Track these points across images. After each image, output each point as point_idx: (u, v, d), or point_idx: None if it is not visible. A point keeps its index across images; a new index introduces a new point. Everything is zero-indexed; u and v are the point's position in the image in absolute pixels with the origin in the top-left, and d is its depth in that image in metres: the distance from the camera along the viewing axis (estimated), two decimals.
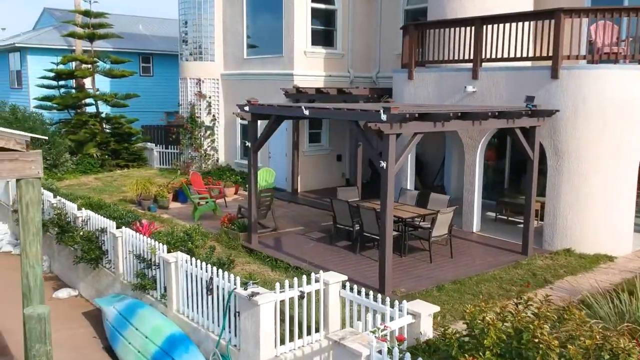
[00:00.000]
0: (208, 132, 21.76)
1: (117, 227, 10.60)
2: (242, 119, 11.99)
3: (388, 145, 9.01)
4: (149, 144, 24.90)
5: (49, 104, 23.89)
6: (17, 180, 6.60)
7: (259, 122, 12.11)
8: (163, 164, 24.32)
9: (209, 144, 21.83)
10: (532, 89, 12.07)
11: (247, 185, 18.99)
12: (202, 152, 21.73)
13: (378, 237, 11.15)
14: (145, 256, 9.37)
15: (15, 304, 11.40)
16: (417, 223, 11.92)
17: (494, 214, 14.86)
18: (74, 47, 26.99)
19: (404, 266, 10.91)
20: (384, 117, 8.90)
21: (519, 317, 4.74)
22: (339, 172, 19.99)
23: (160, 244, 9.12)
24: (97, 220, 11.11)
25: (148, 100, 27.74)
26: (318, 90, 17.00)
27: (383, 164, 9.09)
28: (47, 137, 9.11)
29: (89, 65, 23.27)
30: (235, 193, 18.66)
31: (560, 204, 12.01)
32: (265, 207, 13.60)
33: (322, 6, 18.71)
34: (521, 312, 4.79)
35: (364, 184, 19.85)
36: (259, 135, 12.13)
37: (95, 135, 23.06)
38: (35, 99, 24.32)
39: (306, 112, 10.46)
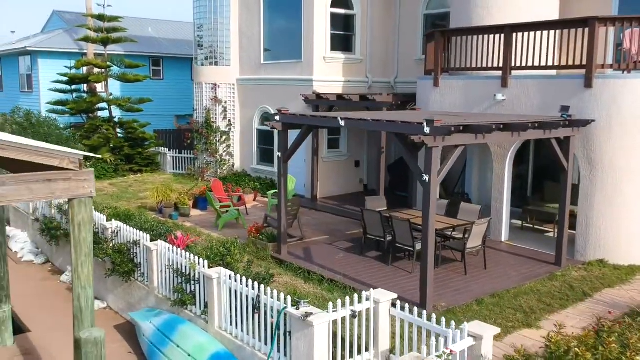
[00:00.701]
0: (224, 137, 21.63)
1: (151, 240, 10.46)
2: (272, 128, 11.84)
3: (431, 159, 8.90)
4: (162, 149, 24.76)
5: (61, 108, 23.75)
6: (70, 200, 6.47)
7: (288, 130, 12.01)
8: (177, 169, 24.18)
9: (225, 149, 21.70)
10: (565, 98, 11.96)
11: (266, 192, 18.99)
12: (218, 157, 21.61)
13: (411, 249, 11.08)
14: (184, 271, 9.23)
15: (43, 312, 11.29)
16: (450, 234, 11.80)
17: (519, 222, 14.74)
18: (85, 51, 26.84)
19: (440, 278, 10.79)
20: (427, 129, 8.79)
21: (610, 348, 4.62)
22: (356, 178, 19.86)
23: (201, 259, 8.99)
24: (129, 232, 10.97)
25: (158, 103, 27.58)
26: (339, 96, 16.88)
27: (425, 177, 8.97)
28: (101, 156, 8.94)
29: (102, 70, 23.10)
30: (254, 199, 18.53)
31: (593, 214, 11.90)
32: (291, 216, 13.46)
33: (341, 11, 18.58)
34: (611, 344, 4.66)
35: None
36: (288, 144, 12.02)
37: (109, 140, 22.93)
38: (48, 103, 24.17)
39: (342, 123, 10.34)
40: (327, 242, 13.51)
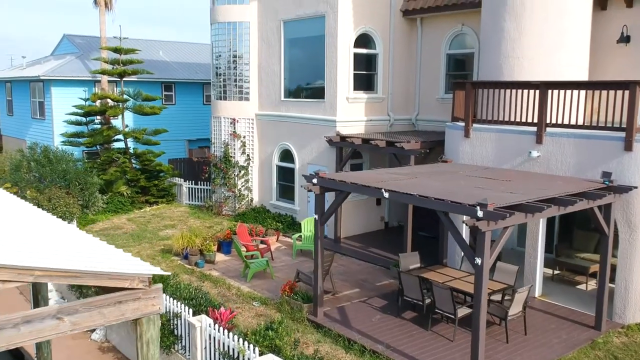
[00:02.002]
0: (242, 172, 21.50)
1: (193, 314, 10.33)
2: (308, 190, 11.73)
3: (484, 243, 8.80)
4: (177, 179, 24.62)
5: (78, 140, 23.61)
6: (137, 318, 6.36)
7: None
8: (193, 200, 24.05)
9: (243, 184, 21.58)
10: (603, 159, 11.89)
11: (287, 230, 18.87)
12: (237, 192, 21.48)
13: (452, 316, 10.98)
14: (232, 354, 9.12)
15: None
16: (488, 297, 11.70)
17: (549, 270, 14.66)
18: (98, 78, 26.71)
19: None
20: (480, 213, 8.69)
21: None
22: (377, 215, 19.76)
23: (250, 344, 8.87)
24: (169, 303, 10.84)
25: (170, 128, 27.35)
26: (365, 140, 16.76)
27: (478, 260, 8.87)
28: (169, 273, 8.80)
29: (119, 103, 22.95)
30: (277, 239, 18.42)
31: (633, 277, 11.81)
32: (325, 271, 13.35)
33: (363, 51, 18.49)
34: None
35: (398, 227, 19.72)
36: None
37: (126, 173, 22.78)
38: (62, 134, 24.00)
39: (386, 195, 10.24)
40: (360, 299, 13.40)
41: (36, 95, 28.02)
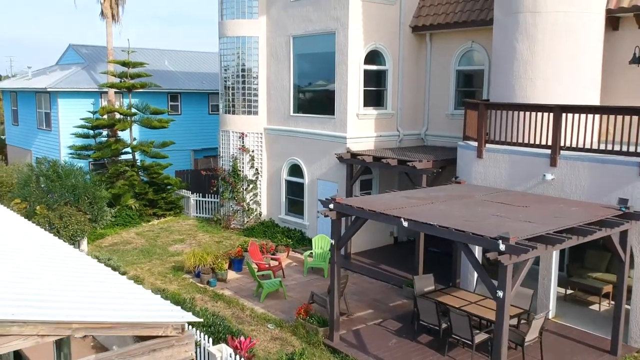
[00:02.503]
0: (251, 185, 21.53)
1: (213, 342, 10.35)
2: (325, 216, 11.76)
3: (506, 276, 8.84)
4: (184, 191, 24.63)
5: (85, 153, 23.63)
6: None
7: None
8: (200, 212, 24.06)
9: (252, 198, 21.60)
10: (618, 184, 11.92)
11: (297, 246, 18.88)
12: (245, 205, 21.50)
13: (470, 342, 11.02)
14: None
15: None
16: None
17: (562, 290, 14.70)
18: (104, 90, 26.71)
19: None
20: (502, 247, 8.73)
21: None
22: (387, 231, 19.79)
23: None
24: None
25: (176, 138, 27.23)
26: (376, 158, 16.78)
27: (500, 293, 8.91)
28: (201, 319, 8.81)
29: (127, 117, 22.96)
30: (287, 255, 18.44)
31: None
32: (340, 292, 13.37)
33: (373, 67, 18.53)
34: None
35: (407, 242, 19.75)
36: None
37: (134, 186, 22.79)
38: (70, 147, 24.00)
39: (405, 224, 10.27)
40: (375, 321, 13.43)
41: (42, 106, 28.01)
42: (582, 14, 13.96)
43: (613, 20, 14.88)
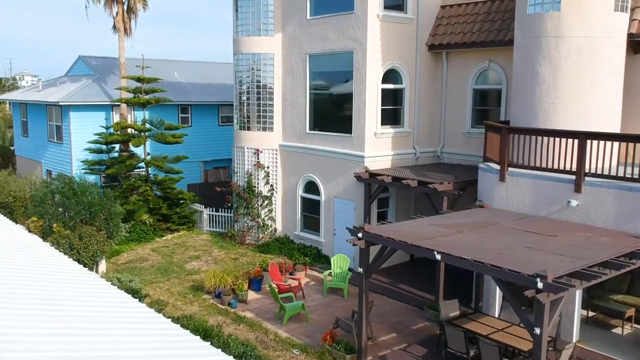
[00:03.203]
0: (265, 201, 21.56)
1: None
2: (353, 244, 11.81)
3: (543, 313, 8.89)
4: (197, 206, 24.66)
5: (99, 167, 23.66)
6: None
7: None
8: (213, 227, 24.09)
9: (267, 214, 21.63)
10: None
11: (314, 263, 18.79)
12: (260, 221, 21.53)
13: None
14: None
15: None
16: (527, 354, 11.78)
17: (583, 312, 14.75)
18: (116, 103, 26.73)
19: None
20: (540, 285, 8.78)
21: None
22: None
23: None
24: None
25: (186, 151, 27.21)
26: (395, 178, 16.82)
27: (537, 330, 8.96)
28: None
29: (141, 132, 22.99)
30: (305, 274, 18.47)
31: None
32: (367, 320, 13.41)
33: (391, 86, 18.59)
34: None
35: (423, 259, 19.76)
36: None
37: (148, 202, 22.81)
38: (84, 162, 24.01)
39: (438, 257, 10.31)
40: (399, 346, 13.47)
41: (53, 118, 28.01)
42: (605, 39, 14.02)
43: (634, 44, 14.96)
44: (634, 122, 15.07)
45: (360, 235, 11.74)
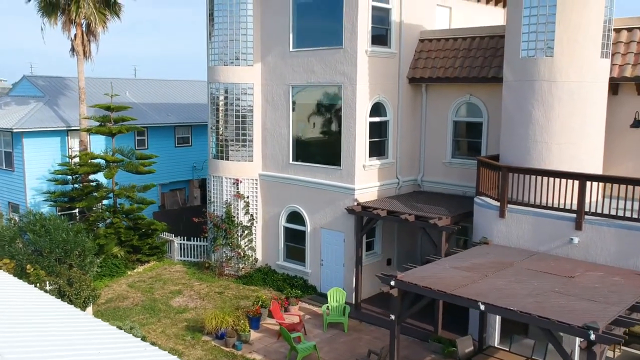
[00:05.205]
0: (246, 231, 21.37)
1: None
2: (386, 293, 12.05)
3: None
4: (167, 235, 24.04)
5: (63, 199, 22.57)
6: None
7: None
8: (185, 256, 23.58)
9: (247, 244, 21.45)
10: None
11: (304, 295, 18.77)
12: (240, 252, 21.32)
13: None
14: None
15: None
16: None
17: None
18: (72, 127, 25.56)
19: None
20: (593, 337, 9.40)
21: None
22: None
23: None
24: None
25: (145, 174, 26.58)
26: (390, 212, 17.22)
27: None
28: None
29: (112, 162, 22.14)
30: (299, 308, 18.49)
31: None
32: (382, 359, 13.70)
33: (377, 119, 19.00)
34: None
35: None
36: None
37: (119, 234, 22.00)
38: (46, 193, 22.79)
39: (482, 308, 10.76)
40: None
41: (1, 144, 26.34)
42: (594, 83, 15.06)
43: (613, 86, 16.11)
44: (613, 157, 16.21)
45: (392, 283, 12.01)
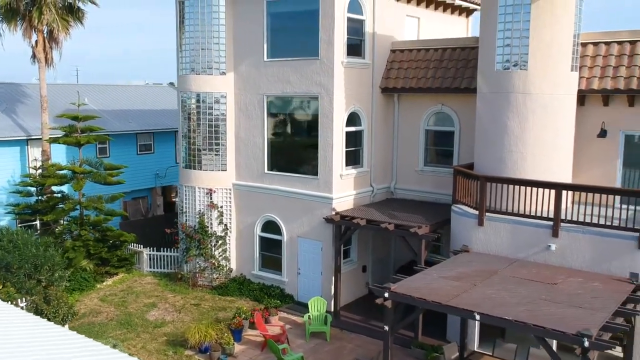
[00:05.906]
0: (219, 241, 21.24)
1: None
2: (380, 304, 12.28)
3: None
4: (136, 246, 23.60)
5: (28, 212, 21.84)
6: None
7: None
8: (154, 267, 23.21)
9: (221, 254, 21.31)
10: (617, 255, 13.72)
11: (282, 304, 18.72)
12: (215, 262, 21.16)
13: None
14: None
15: None
16: None
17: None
18: (33, 136, 24.77)
19: None
20: (587, 344, 9.89)
21: None
22: (362, 282, 20.56)
23: None
24: None
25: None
26: (370, 221, 17.48)
27: None
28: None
29: (81, 174, 21.56)
30: (279, 319, 18.52)
31: None
32: None
33: (352, 129, 19.24)
34: None
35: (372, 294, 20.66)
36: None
37: (88, 246, 21.46)
38: (9, 205, 21.99)
39: (477, 318, 11.12)
40: None
41: None
42: (566, 96, 15.76)
43: (581, 97, 16.86)
44: (581, 164, 16.94)
45: (386, 295, 12.25)
